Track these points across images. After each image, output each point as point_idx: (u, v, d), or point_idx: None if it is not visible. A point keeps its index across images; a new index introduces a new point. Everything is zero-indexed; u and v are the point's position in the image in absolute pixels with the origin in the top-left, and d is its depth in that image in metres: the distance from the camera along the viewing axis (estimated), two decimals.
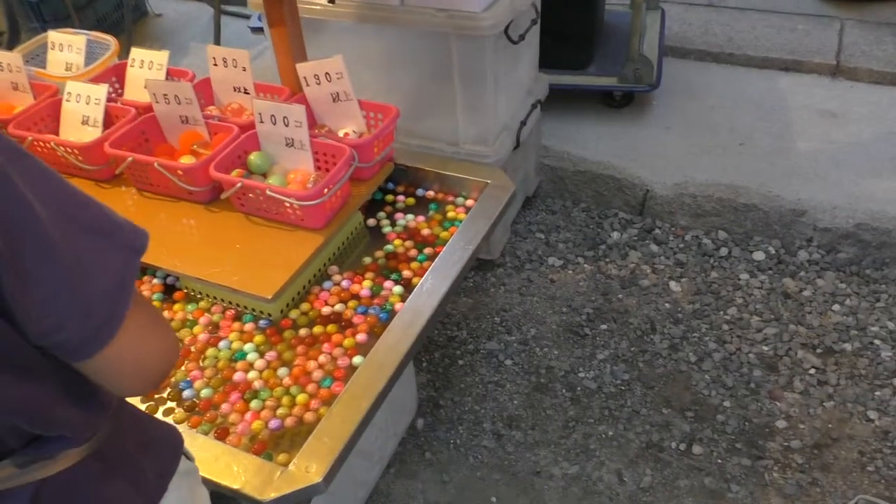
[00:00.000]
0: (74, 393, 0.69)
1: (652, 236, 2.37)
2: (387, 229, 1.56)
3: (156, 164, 1.51)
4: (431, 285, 1.36)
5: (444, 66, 1.91)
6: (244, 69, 1.72)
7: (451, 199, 1.63)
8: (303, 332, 1.33)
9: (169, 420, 1.17)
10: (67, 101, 1.74)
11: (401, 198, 1.64)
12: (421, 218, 1.58)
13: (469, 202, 1.60)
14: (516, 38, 1.92)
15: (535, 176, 2.53)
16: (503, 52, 1.93)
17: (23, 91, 1.86)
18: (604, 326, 2.08)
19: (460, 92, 1.93)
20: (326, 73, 1.61)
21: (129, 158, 1.54)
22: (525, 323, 2.10)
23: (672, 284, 2.19)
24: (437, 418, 1.87)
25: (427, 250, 1.48)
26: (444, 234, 1.52)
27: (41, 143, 1.65)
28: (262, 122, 1.54)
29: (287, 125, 1.50)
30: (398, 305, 1.35)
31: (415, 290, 1.35)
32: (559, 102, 2.61)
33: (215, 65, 1.74)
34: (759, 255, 2.26)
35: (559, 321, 2.10)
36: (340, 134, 1.65)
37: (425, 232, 1.54)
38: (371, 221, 1.58)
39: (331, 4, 1.53)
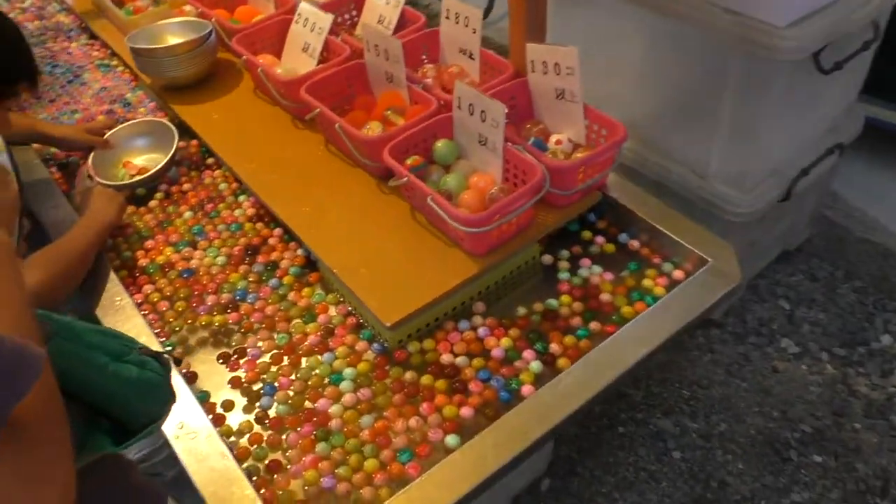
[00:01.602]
0: None
1: None
2: (562, 275, 1.26)
3: (336, 126, 1.35)
4: (574, 381, 1.05)
5: (714, 79, 1.49)
6: (474, 31, 1.47)
7: (657, 260, 1.27)
8: (409, 375, 1.11)
9: (234, 430, 1.05)
10: (296, 22, 1.64)
11: (599, 239, 1.31)
12: (609, 276, 1.25)
13: (677, 273, 1.23)
14: (829, 67, 1.42)
15: (806, 226, 2.00)
16: (803, 80, 1.45)
17: (267, 0, 1.80)
18: (817, 458, 1.60)
19: (728, 116, 1.50)
20: (556, 64, 1.31)
21: (317, 110, 1.40)
22: (718, 412, 1.69)
23: None
24: (567, 487, 1.59)
25: (594, 325, 1.17)
26: (625, 310, 1.18)
27: (250, 64, 1.57)
28: (459, 108, 1.30)
29: (484, 121, 1.24)
30: (526, 388, 1.08)
31: (554, 379, 1.06)
32: (874, 142, 2.00)
33: (447, 17, 1.52)
34: None
35: (761, 427, 1.66)
36: (553, 139, 1.35)
37: (604, 298, 1.21)
38: (548, 258, 1.29)
39: None
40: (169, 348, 1.17)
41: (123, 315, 1.19)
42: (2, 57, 1.23)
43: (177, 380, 1.07)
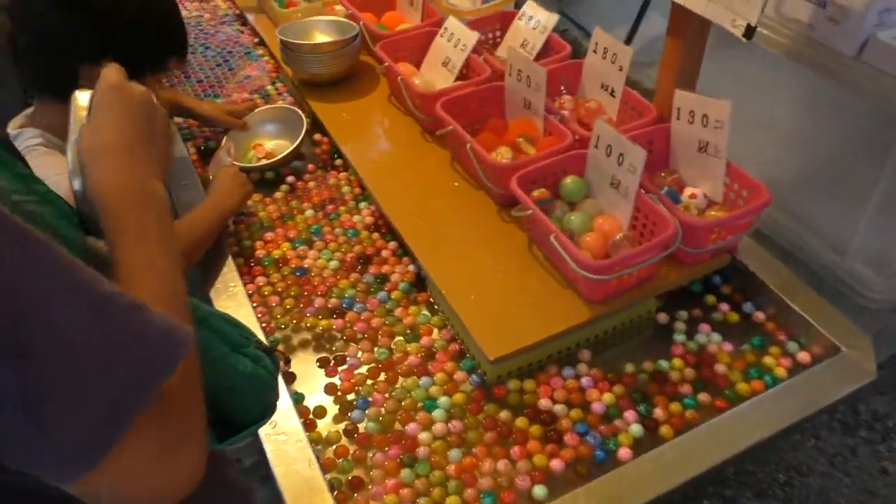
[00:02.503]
0: None
1: None
2: (678, 337, 1.19)
3: (468, 147, 1.34)
4: (679, 456, 0.99)
5: (873, 150, 1.38)
6: (620, 69, 1.42)
7: (783, 337, 1.19)
8: (504, 414, 1.08)
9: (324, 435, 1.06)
10: (441, 35, 1.64)
11: (723, 306, 1.24)
12: (728, 346, 1.18)
13: (802, 356, 1.15)
14: None
15: None
16: None
17: (415, 9, 1.81)
18: None
19: (881, 191, 1.39)
20: (704, 116, 1.24)
21: (450, 127, 1.39)
22: None
23: None
24: None
25: (703, 396, 1.10)
26: (740, 387, 1.11)
27: (390, 72, 1.59)
28: (596, 146, 1.25)
29: (620, 164, 1.20)
30: (623, 451, 1.02)
31: (656, 449, 1.00)
32: None
33: (594, 51, 1.48)
34: None
35: None
36: (687, 192, 1.29)
37: (720, 369, 1.14)
38: (663, 316, 1.23)
39: (745, 40, 1.14)
40: (275, 344, 1.19)
41: (235, 302, 1.22)
42: (156, 30, 1.27)
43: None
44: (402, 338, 1.20)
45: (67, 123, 1.14)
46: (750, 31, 1.10)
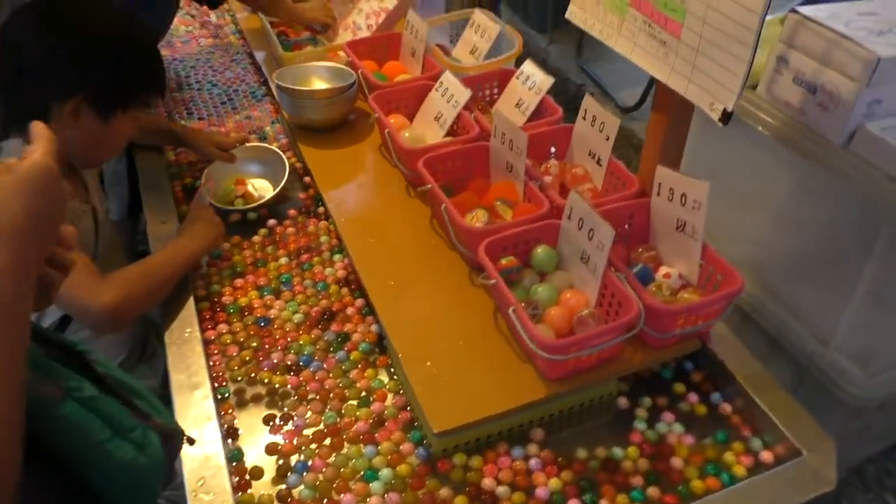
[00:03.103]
0: None
1: None
2: (638, 424, 1.14)
3: (442, 207, 1.32)
4: None
5: (861, 239, 1.33)
6: (607, 138, 1.40)
7: (747, 433, 1.13)
8: (444, 492, 1.04)
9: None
10: (436, 90, 1.64)
11: (692, 396, 1.18)
12: (690, 439, 1.12)
13: (765, 455, 1.09)
14: None
15: None
16: None
17: (416, 60, 1.82)
18: None
19: (867, 282, 1.33)
20: (683, 195, 1.21)
21: (428, 186, 1.38)
22: None
23: None
24: None
25: (653, 490, 1.05)
26: (695, 484, 1.05)
27: (380, 123, 1.59)
28: (569, 218, 1.23)
29: (591, 239, 1.17)
30: None
31: None
32: None
33: (584, 118, 1.46)
34: None
35: None
36: (661, 271, 1.25)
37: (676, 463, 1.09)
38: (624, 401, 1.18)
39: (722, 125, 1.11)
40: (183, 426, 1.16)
41: (187, 348, 1.21)
42: (133, 65, 1.26)
43: (212, 435, 1.06)
44: (354, 402, 1.17)
45: None
46: (726, 117, 1.08)
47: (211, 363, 1.21)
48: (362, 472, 1.07)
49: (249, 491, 1.05)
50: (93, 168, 1.42)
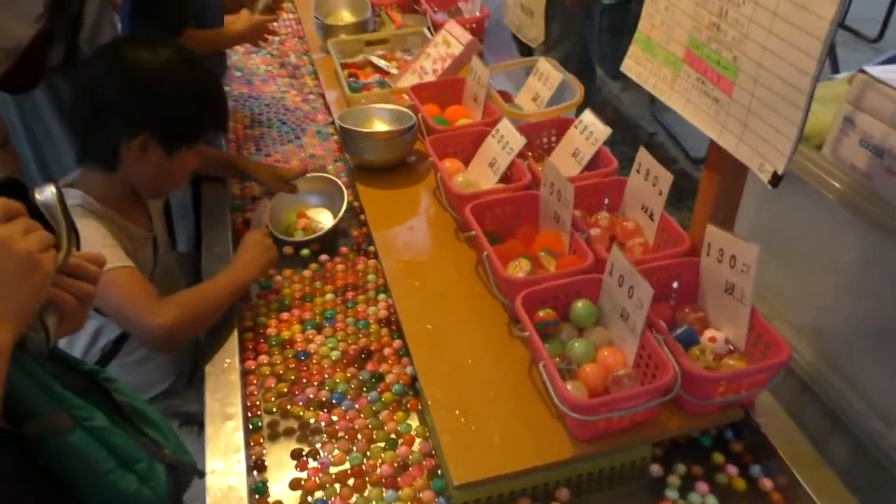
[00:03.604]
0: None
1: None
2: (669, 493, 1.09)
3: (484, 255, 1.32)
4: None
5: None
6: (660, 193, 1.37)
7: None
8: None
9: None
10: (492, 136, 1.65)
11: (731, 468, 1.12)
12: None
13: None
14: None
15: None
16: None
17: (477, 105, 1.84)
18: None
19: None
20: (733, 257, 1.17)
21: (472, 232, 1.38)
22: None
23: None
24: None
25: None
26: None
27: (435, 167, 1.61)
28: (610, 274, 1.20)
29: (630, 297, 1.14)
30: None
31: None
32: None
33: (637, 171, 1.44)
34: None
35: None
36: (707, 334, 1.21)
37: None
38: (656, 468, 1.13)
39: (771, 188, 1.06)
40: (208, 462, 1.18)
41: (225, 378, 1.24)
42: (198, 105, 1.34)
43: (238, 467, 1.08)
44: (381, 444, 1.17)
45: (110, 196, 1.22)
46: (776, 180, 1.04)
47: (247, 393, 1.24)
48: None
49: None
50: (157, 198, 1.50)
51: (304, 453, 1.16)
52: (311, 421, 1.21)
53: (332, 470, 1.13)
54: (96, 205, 1.30)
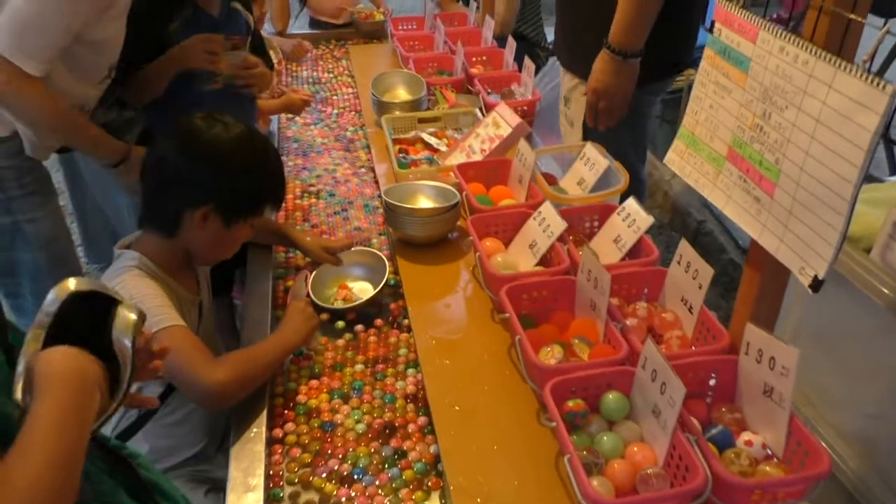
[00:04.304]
0: None
1: None
2: None
3: (517, 339, 1.31)
4: None
5: None
6: (700, 287, 1.35)
7: None
8: None
9: None
10: (534, 218, 1.67)
11: None
12: None
13: None
14: None
15: None
16: None
17: (522, 187, 1.86)
18: None
19: None
20: (772, 358, 1.14)
21: (507, 315, 1.38)
22: None
23: None
24: None
25: None
26: None
27: (475, 246, 1.62)
28: (643, 367, 1.18)
29: (663, 393, 1.11)
30: None
31: None
32: None
33: (678, 262, 1.42)
34: None
35: None
36: (743, 437, 1.17)
37: None
38: None
39: (812, 292, 1.04)
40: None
41: (250, 447, 1.24)
42: (260, 182, 1.43)
43: None
44: None
45: (166, 259, 1.30)
46: (817, 284, 1.01)
47: (272, 462, 1.24)
48: None
49: None
50: (208, 265, 1.56)
51: None
52: (331, 495, 1.19)
53: None
54: (153, 266, 1.35)
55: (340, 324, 1.59)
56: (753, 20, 1.11)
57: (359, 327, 1.57)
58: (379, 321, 1.59)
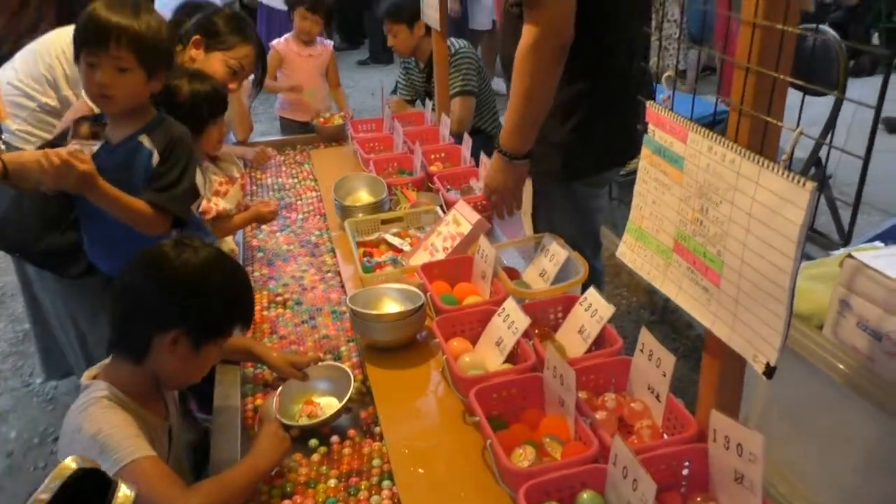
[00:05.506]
0: None
1: None
2: None
3: (487, 443, 1.31)
4: None
5: None
6: (664, 374, 1.37)
7: None
8: None
9: None
10: (499, 315, 1.69)
11: None
12: None
13: None
14: None
15: None
16: None
17: (486, 283, 1.89)
18: None
19: None
20: (739, 445, 1.15)
21: (477, 418, 1.38)
22: None
23: None
24: None
25: None
26: None
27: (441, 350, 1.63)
28: (614, 465, 1.18)
29: (635, 490, 1.11)
30: None
31: None
32: None
33: (641, 351, 1.44)
34: None
35: None
36: None
37: None
38: None
39: (766, 379, 1.06)
40: None
41: None
42: (229, 305, 1.43)
43: None
44: None
45: (135, 387, 1.28)
46: (770, 371, 1.04)
47: None
48: None
49: None
50: (177, 389, 1.54)
51: None
52: None
53: None
54: (121, 396, 1.34)
55: (313, 442, 1.56)
56: (682, 122, 1.18)
57: (334, 439, 1.55)
58: (352, 431, 1.57)
